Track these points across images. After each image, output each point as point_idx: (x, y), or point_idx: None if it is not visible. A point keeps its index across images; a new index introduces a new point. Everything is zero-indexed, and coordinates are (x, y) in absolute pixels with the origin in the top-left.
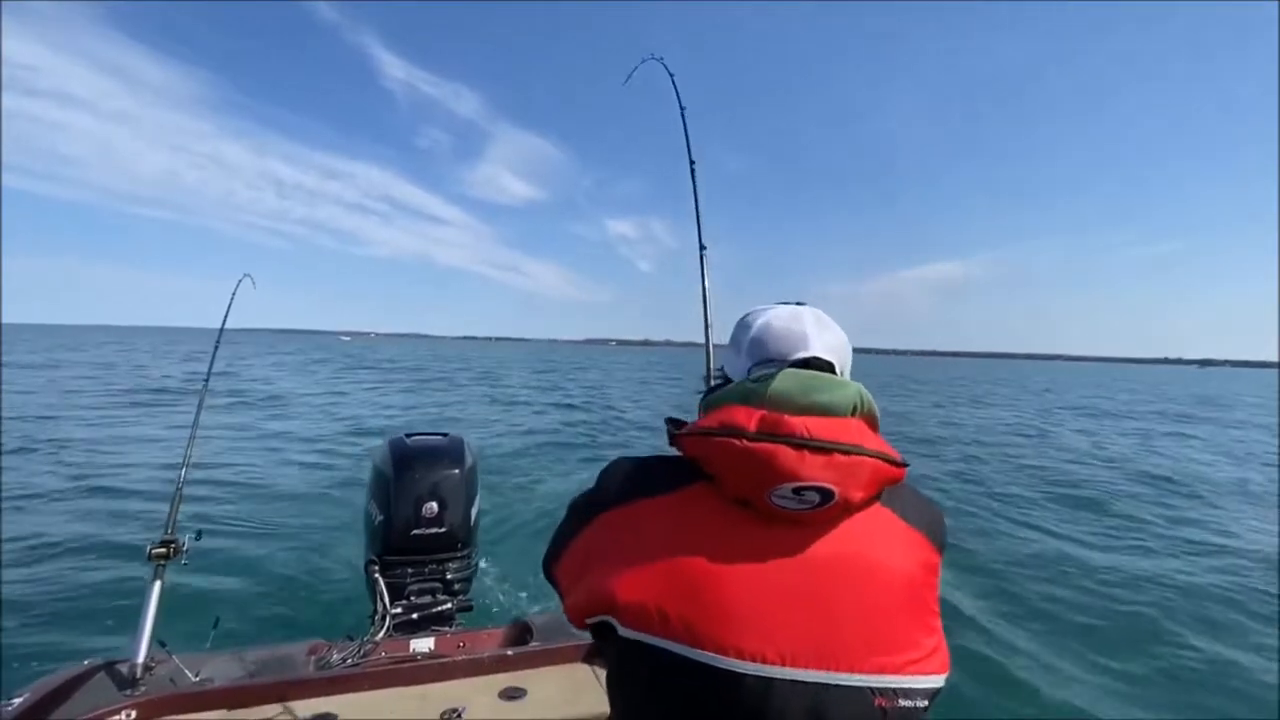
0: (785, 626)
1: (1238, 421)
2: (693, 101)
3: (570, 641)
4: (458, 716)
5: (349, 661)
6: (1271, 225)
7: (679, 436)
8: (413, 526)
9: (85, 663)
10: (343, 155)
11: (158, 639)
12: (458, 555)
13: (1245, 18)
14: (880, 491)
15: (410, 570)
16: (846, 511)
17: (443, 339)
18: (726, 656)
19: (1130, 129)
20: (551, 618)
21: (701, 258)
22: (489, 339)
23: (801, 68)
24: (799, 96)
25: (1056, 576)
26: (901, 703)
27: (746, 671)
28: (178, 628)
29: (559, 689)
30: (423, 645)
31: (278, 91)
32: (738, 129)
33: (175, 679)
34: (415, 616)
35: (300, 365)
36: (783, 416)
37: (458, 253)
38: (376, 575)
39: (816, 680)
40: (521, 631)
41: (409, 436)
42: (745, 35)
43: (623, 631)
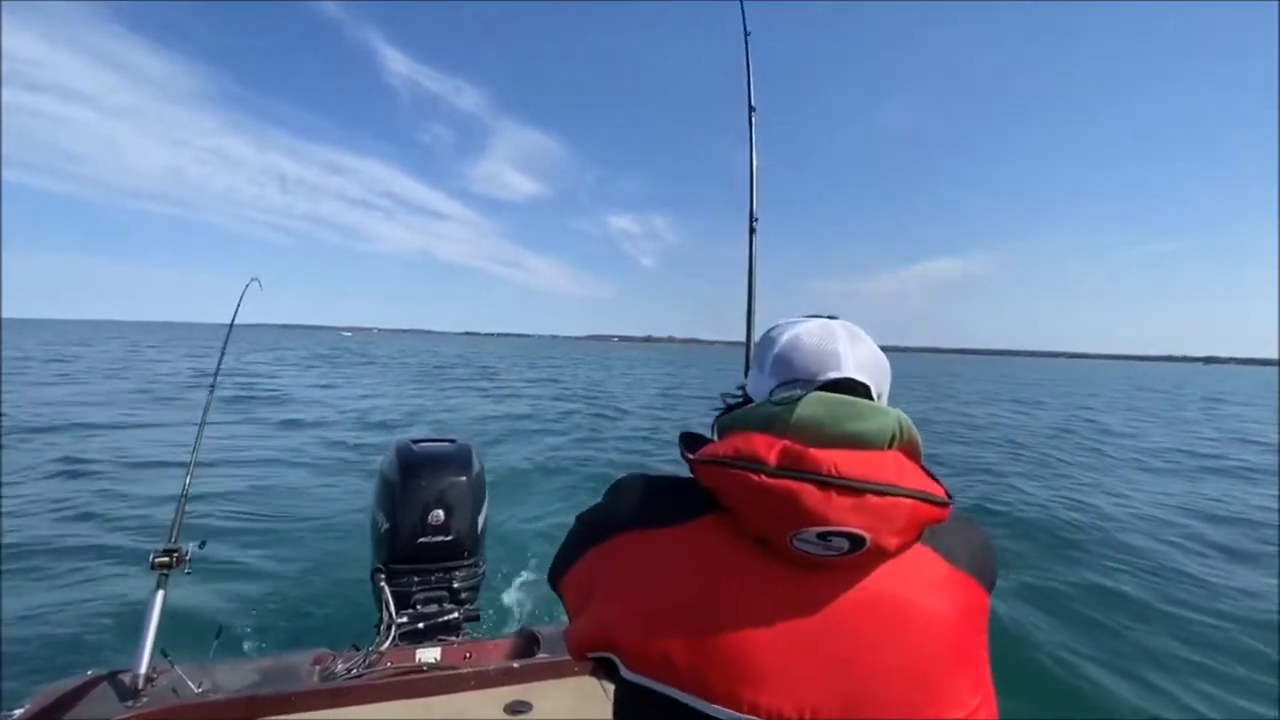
0: (807, 679)
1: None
2: (699, 98)
3: None
4: None
5: (353, 672)
6: (1272, 222)
7: (693, 463)
8: (419, 534)
9: (88, 673)
10: (346, 150)
11: (160, 649)
12: (464, 564)
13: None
14: (919, 534)
15: (416, 579)
16: (882, 557)
17: (444, 334)
18: (740, 712)
19: (1134, 127)
20: (559, 629)
21: (751, 234)
22: (490, 335)
23: (801, 66)
24: (799, 93)
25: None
26: None
27: None
28: (180, 637)
29: (565, 703)
30: (429, 655)
31: (281, 87)
32: (736, 122)
33: (178, 689)
34: (421, 626)
35: (304, 363)
36: (808, 450)
37: (460, 248)
38: (382, 584)
39: None
40: (528, 642)
41: (416, 443)
42: (749, 32)
43: (625, 673)
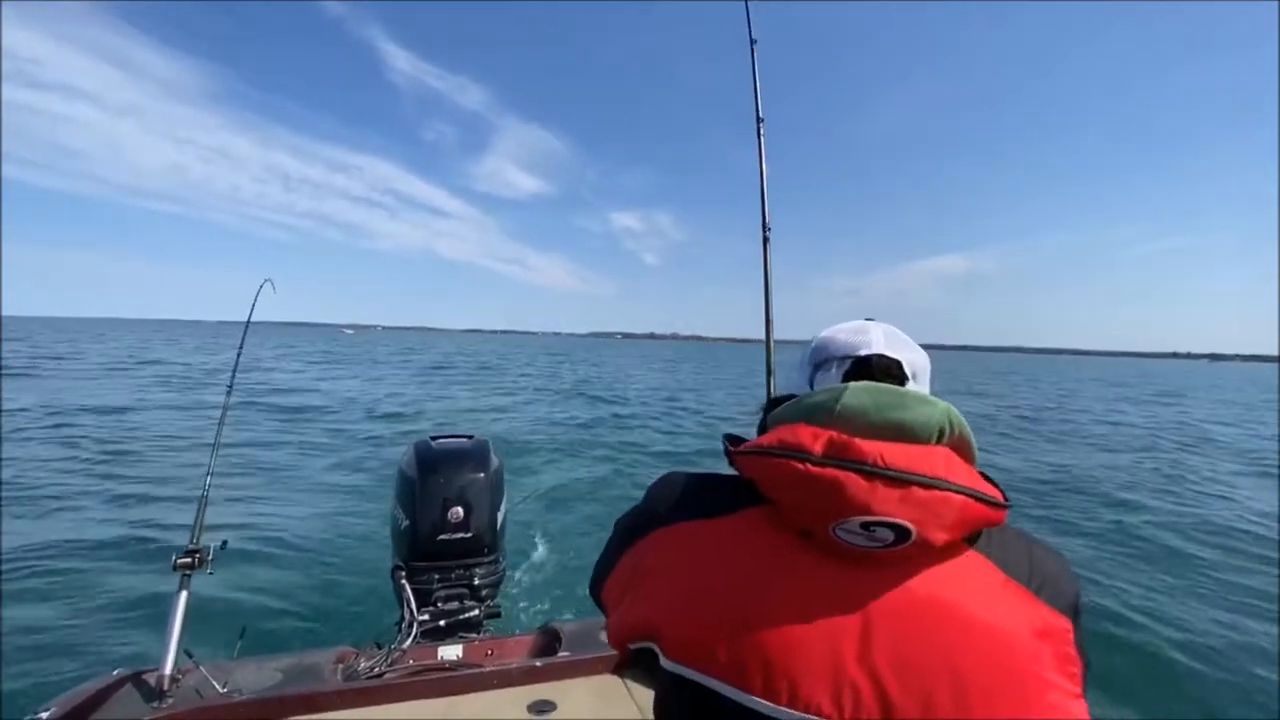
0: (847, 675)
1: None
2: (703, 93)
3: (600, 652)
4: None
5: (376, 670)
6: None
7: (735, 454)
8: (438, 531)
9: (114, 674)
10: (349, 149)
11: (184, 649)
12: (485, 560)
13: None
14: (974, 536)
15: (437, 576)
16: (928, 555)
17: (447, 332)
18: (779, 704)
19: (1139, 124)
20: (581, 625)
21: (765, 244)
22: (493, 332)
23: (802, 60)
24: (799, 90)
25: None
26: None
27: None
28: (204, 637)
29: (588, 702)
30: (451, 653)
31: (284, 85)
32: (738, 119)
33: (202, 690)
34: (443, 623)
35: (312, 362)
36: (853, 440)
37: (462, 246)
38: (403, 581)
39: None
40: (550, 639)
41: (434, 439)
42: (742, 28)
43: (665, 663)
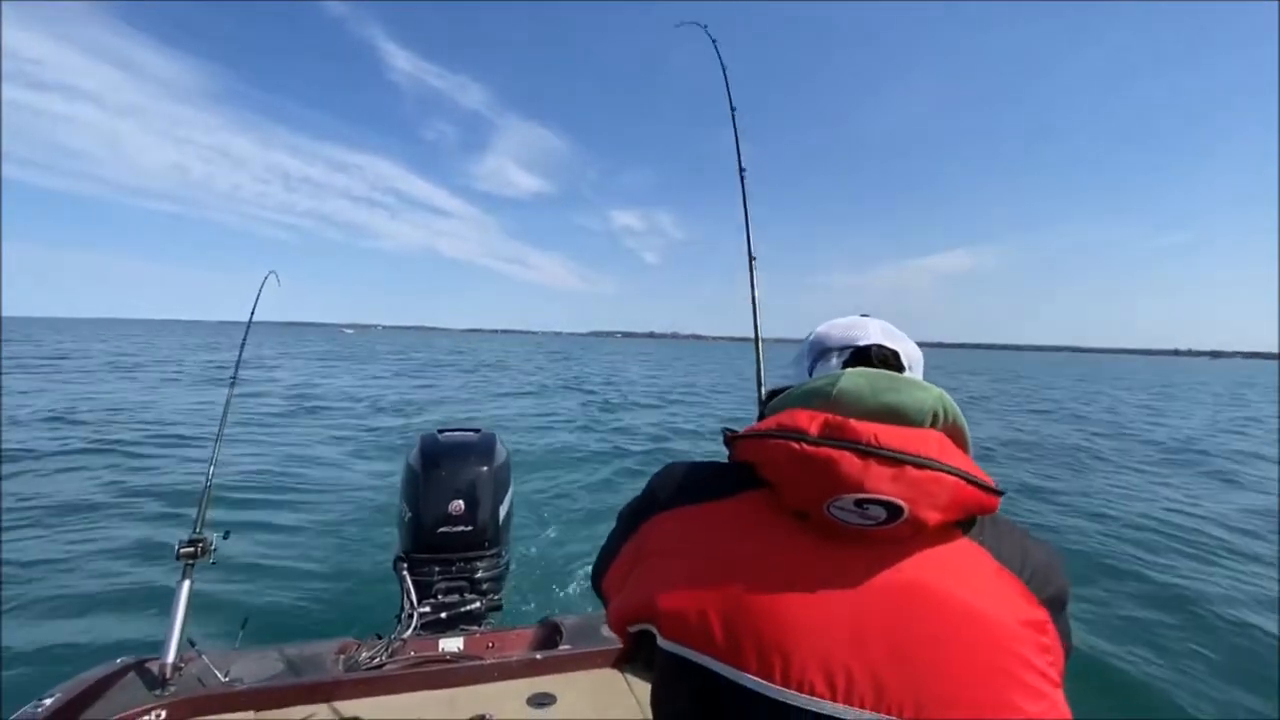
0: (840, 653)
1: None
2: (695, 92)
3: (601, 646)
4: None
5: (377, 661)
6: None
7: (734, 439)
8: (440, 524)
9: (118, 661)
10: (350, 148)
11: (187, 638)
12: (486, 554)
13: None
14: (968, 521)
15: (438, 569)
16: (920, 536)
17: (448, 331)
18: (772, 682)
19: (1139, 120)
20: (582, 620)
21: (751, 268)
22: (494, 331)
23: (803, 57)
24: (798, 87)
25: None
26: None
27: (793, 703)
28: (207, 626)
29: (588, 696)
30: (451, 645)
31: (285, 85)
32: (740, 115)
33: (204, 678)
34: (444, 615)
35: (311, 359)
36: (848, 421)
37: (463, 245)
38: (404, 573)
39: None
40: (551, 632)
41: (441, 433)
42: (747, 25)
43: (662, 642)
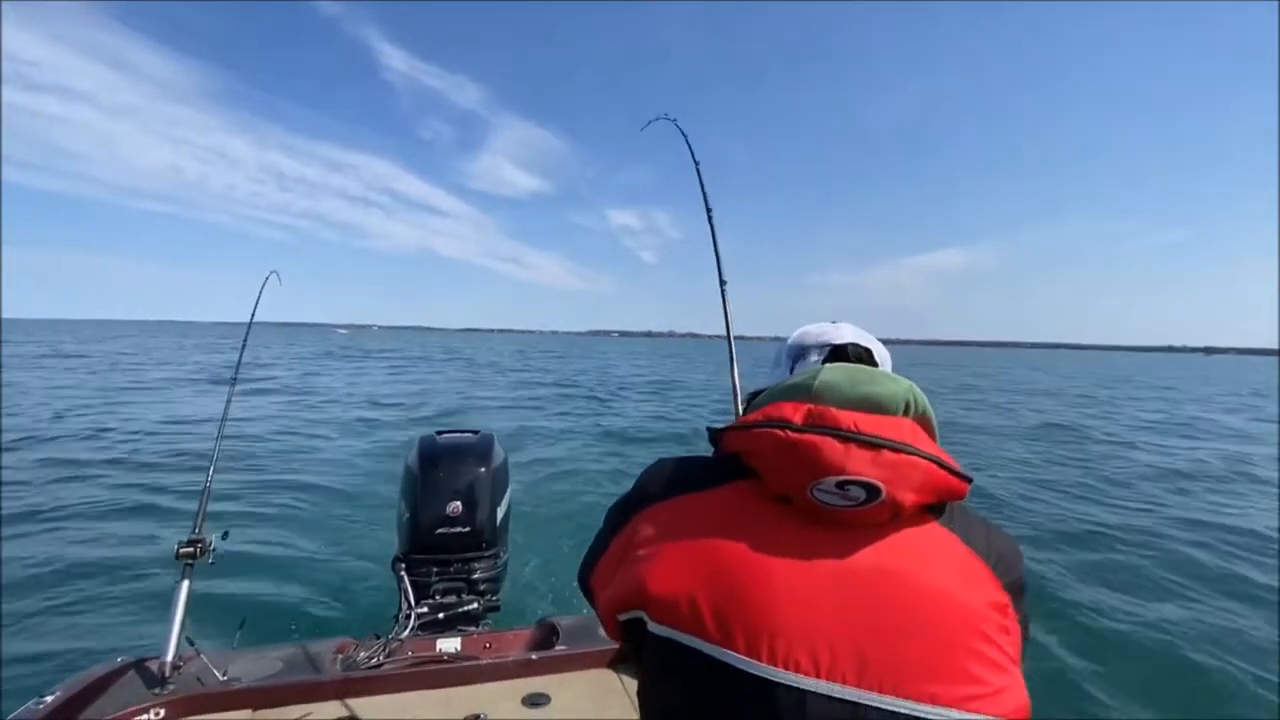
0: (823, 635)
1: None
2: (689, 92)
3: (596, 647)
4: None
5: (374, 661)
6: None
7: (721, 432)
8: (437, 525)
9: (117, 660)
10: (345, 148)
11: (186, 637)
12: (484, 555)
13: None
14: (939, 506)
15: (435, 569)
16: (896, 518)
17: (445, 331)
18: (759, 661)
19: (1134, 116)
20: (578, 620)
21: (723, 293)
22: (491, 330)
23: (799, 54)
24: (796, 85)
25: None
26: None
27: (779, 680)
28: (206, 626)
29: (583, 696)
30: (449, 645)
31: (281, 85)
32: (734, 116)
33: (203, 677)
34: (441, 616)
35: (312, 359)
36: (829, 409)
37: (460, 245)
38: (402, 574)
39: (855, 699)
40: (547, 633)
41: (440, 434)
42: (749, 20)
43: (652, 627)
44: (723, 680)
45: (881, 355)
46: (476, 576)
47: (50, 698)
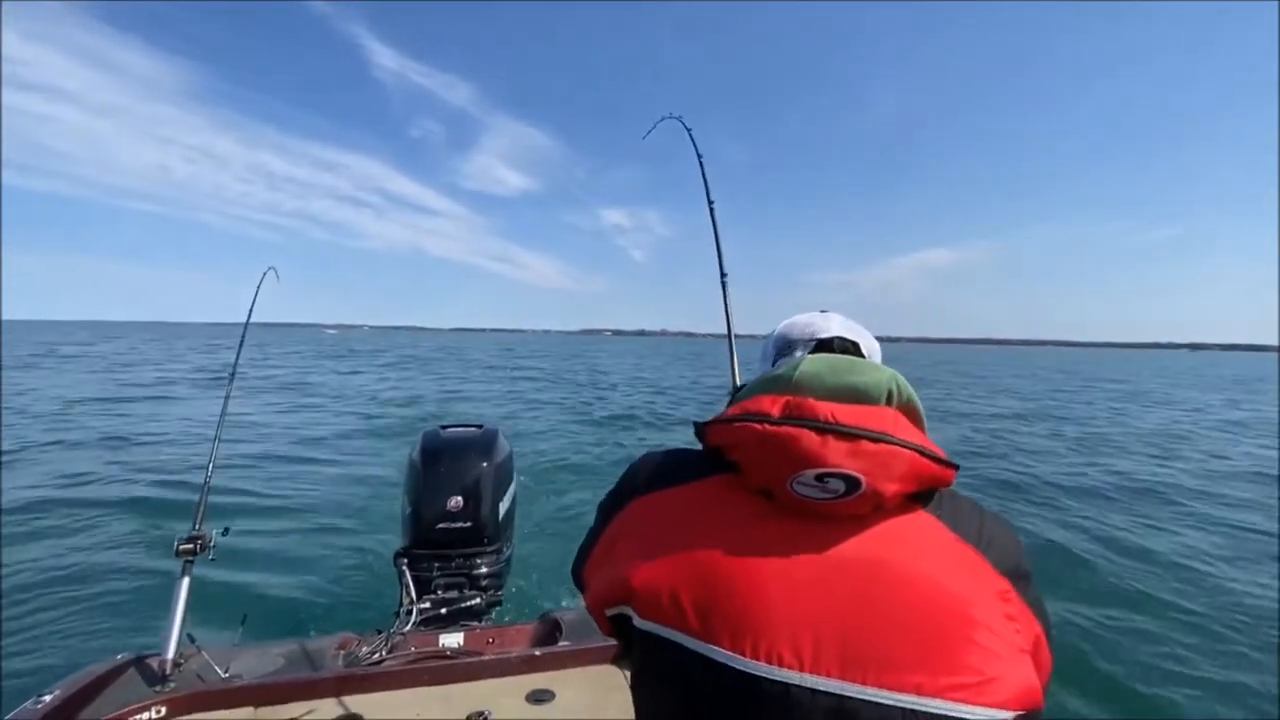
0: (806, 628)
1: None
2: (685, 92)
3: (599, 642)
4: (483, 719)
5: (376, 656)
6: (1268, 209)
7: (703, 426)
8: (439, 520)
9: (118, 657)
10: (335, 147)
11: (187, 634)
12: (486, 550)
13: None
14: (925, 494)
15: (437, 564)
16: (879, 509)
17: (436, 331)
18: (742, 655)
19: (1128, 113)
20: (581, 616)
21: (723, 285)
22: (483, 330)
23: (795, 57)
24: (793, 84)
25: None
26: None
27: (763, 674)
28: (206, 622)
29: (587, 692)
30: (451, 640)
31: (269, 84)
32: (732, 115)
33: (204, 674)
34: (443, 611)
35: (308, 359)
36: (807, 400)
37: (451, 244)
38: (403, 568)
39: (839, 691)
40: (550, 628)
41: (444, 429)
42: (739, 24)
43: (638, 622)
44: (708, 675)
45: (870, 348)
46: (479, 572)
47: (49, 696)
